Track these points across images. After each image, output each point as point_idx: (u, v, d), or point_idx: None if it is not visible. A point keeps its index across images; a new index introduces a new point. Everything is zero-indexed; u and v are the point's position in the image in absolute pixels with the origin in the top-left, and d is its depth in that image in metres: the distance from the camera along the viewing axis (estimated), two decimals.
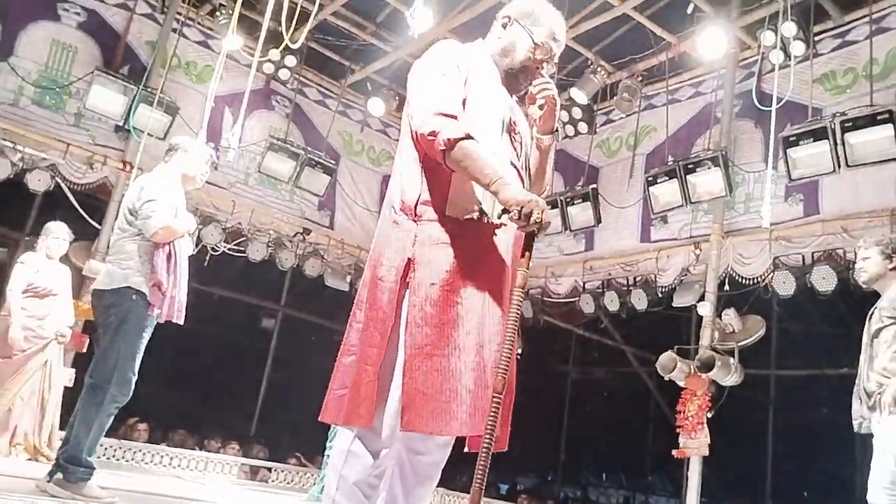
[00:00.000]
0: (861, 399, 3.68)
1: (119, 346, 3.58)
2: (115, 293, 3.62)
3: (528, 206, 1.93)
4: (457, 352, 1.98)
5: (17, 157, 6.68)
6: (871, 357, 3.64)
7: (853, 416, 3.76)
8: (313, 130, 8.74)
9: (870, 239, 4.01)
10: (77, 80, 7.08)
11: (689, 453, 6.32)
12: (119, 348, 3.58)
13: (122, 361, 3.58)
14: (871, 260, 3.85)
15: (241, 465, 7.67)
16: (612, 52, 7.80)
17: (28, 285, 5.36)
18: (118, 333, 3.59)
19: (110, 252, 3.81)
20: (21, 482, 3.78)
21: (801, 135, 5.82)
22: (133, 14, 7.50)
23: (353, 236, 8.89)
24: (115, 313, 3.61)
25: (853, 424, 3.80)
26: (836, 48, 6.50)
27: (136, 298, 3.60)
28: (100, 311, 3.69)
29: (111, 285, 3.65)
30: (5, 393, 5.28)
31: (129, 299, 3.60)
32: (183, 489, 5.48)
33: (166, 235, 3.68)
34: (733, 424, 7.78)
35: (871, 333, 3.70)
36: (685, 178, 6.67)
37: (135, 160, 6.90)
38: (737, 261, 6.70)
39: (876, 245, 3.88)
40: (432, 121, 2.04)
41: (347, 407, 2.01)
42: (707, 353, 6.42)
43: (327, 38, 8.29)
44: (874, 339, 3.66)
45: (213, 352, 11.84)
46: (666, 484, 14.29)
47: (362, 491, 2.02)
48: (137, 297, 3.61)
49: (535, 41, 2.30)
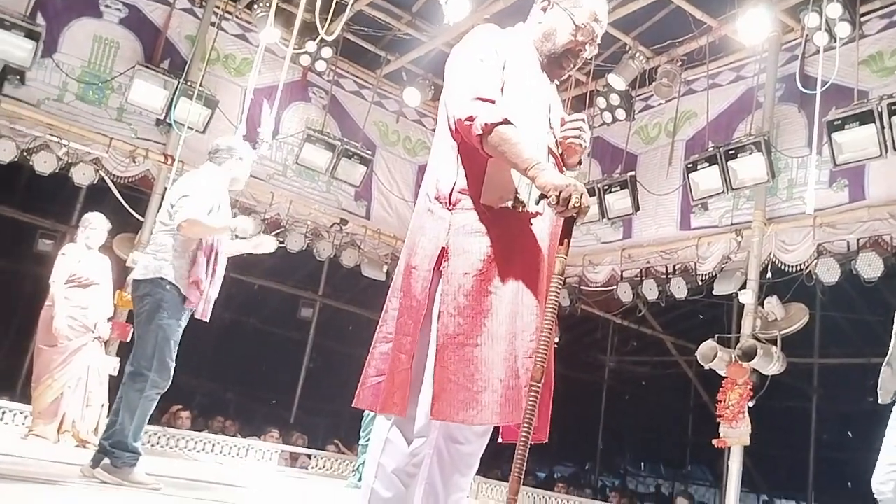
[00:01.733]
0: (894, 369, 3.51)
1: (156, 333, 3.67)
2: (149, 283, 3.72)
3: (566, 190, 1.91)
4: (489, 341, 1.97)
5: (62, 152, 6.84)
6: None
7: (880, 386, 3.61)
8: (349, 121, 8.78)
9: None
10: (119, 75, 7.22)
11: (730, 443, 6.25)
12: (156, 335, 3.67)
13: (159, 348, 3.67)
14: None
15: (281, 452, 7.79)
16: (650, 37, 7.68)
17: (71, 275, 5.49)
18: (153, 321, 3.68)
19: (150, 243, 3.93)
20: (70, 468, 3.88)
21: (847, 118, 5.67)
22: (173, 9, 7.60)
23: (389, 226, 8.93)
24: (150, 302, 3.70)
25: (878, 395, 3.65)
26: (883, 28, 6.31)
27: (168, 289, 3.70)
28: (136, 301, 3.80)
29: (146, 275, 3.75)
30: (53, 383, 5.44)
31: (163, 289, 3.69)
32: (225, 475, 5.58)
33: (191, 229, 3.71)
34: (775, 414, 7.67)
35: None
36: (726, 164, 6.55)
37: (176, 153, 7.02)
38: (779, 248, 6.57)
39: None
40: (470, 106, 2.03)
41: (383, 395, 2.02)
42: (749, 342, 6.32)
43: (363, 28, 8.30)
44: None
45: (253, 341, 12.05)
46: (706, 473, 14.16)
47: (401, 479, 2.02)
48: (171, 287, 3.70)
49: (577, 23, 2.27)
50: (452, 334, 1.97)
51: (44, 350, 5.49)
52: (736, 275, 6.81)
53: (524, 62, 2.24)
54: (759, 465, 10.91)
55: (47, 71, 6.90)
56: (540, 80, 2.28)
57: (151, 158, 7.31)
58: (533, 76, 2.26)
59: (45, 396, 5.42)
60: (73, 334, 5.49)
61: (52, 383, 5.42)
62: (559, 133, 2.26)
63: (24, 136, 6.72)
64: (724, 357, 6.37)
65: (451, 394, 1.93)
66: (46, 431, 5.36)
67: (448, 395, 1.93)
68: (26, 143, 6.73)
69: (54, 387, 5.43)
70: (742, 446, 6.22)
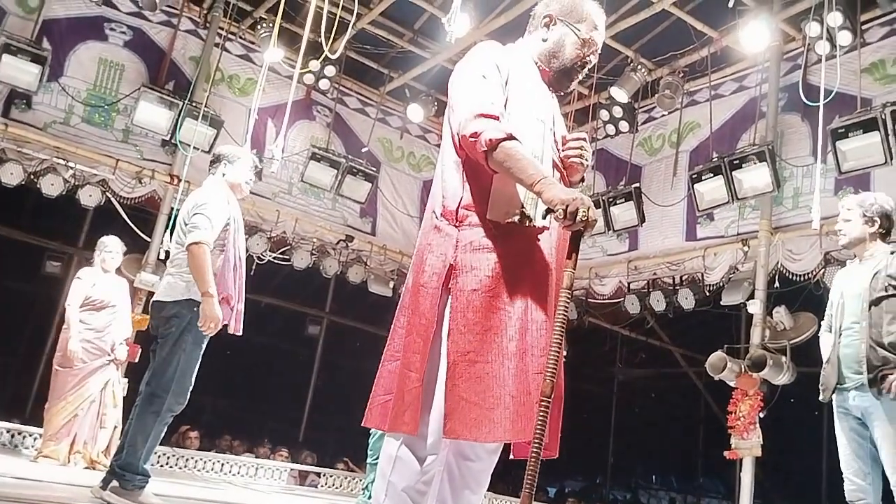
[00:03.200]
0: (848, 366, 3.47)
1: (179, 357, 3.63)
2: (176, 304, 3.66)
3: (573, 204, 1.90)
4: (500, 358, 1.97)
5: (69, 174, 6.89)
6: (871, 325, 3.43)
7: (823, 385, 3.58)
8: (354, 138, 8.82)
9: (853, 199, 3.73)
10: (124, 97, 7.27)
11: (742, 454, 6.20)
12: (179, 359, 3.63)
13: (180, 372, 3.63)
14: (852, 223, 3.64)
15: (291, 470, 7.77)
16: (652, 49, 7.71)
17: (85, 299, 5.54)
18: (178, 344, 3.63)
19: (171, 264, 3.82)
20: (80, 490, 3.87)
21: (851, 126, 5.67)
22: (177, 31, 7.67)
23: (395, 242, 8.94)
24: (177, 324, 3.64)
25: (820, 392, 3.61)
26: (884, 36, 6.32)
27: (196, 310, 3.63)
28: (160, 322, 3.71)
29: (173, 297, 3.68)
30: (67, 405, 5.45)
31: (191, 311, 3.64)
32: (235, 496, 5.56)
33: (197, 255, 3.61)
34: (787, 424, 7.61)
35: (871, 301, 3.46)
36: (731, 174, 6.54)
37: (182, 173, 7.07)
38: (787, 257, 6.55)
39: (859, 207, 3.64)
40: (474, 122, 2.03)
41: (392, 413, 2.01)
42: (758, 352, 6.29)
43: (366, 46, 8.36)
44: (874, 306, 3.44)
45: (260, 359, 12.02)
46: (718, 486, 14.02)
47: (411, 497, 2.01)
48: (198, 309, 3.64)
49: (582, 37, 2.30)
50: (463, 351, 1.97)
51: (59, 371, 5.52)
52: (743, 285, 6.79)
53: (527, 77, 2.25)
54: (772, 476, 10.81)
55: (53, 94, 6.96)
56: (543, 95, 2.29)
57: (158, 179, 7.35)
58: (536, 91, 2.26)
59: (59, 418, 5.44)
60: (88, 357, 5.52)
61: (65, 405, 5.44)
62: (561, 151, 2.27)
63: (32, 159, 6.77)
64: (734, 368, 6.33)
65: (463, 412, 1.93)
66: (57, 452, 5.37)
67: (460, 414, 1.93)
68: (33, 167, 6.78)
69: (68, 409, 5.45)
70: (754, 458, 6.17)
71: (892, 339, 3.36)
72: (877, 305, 3.44)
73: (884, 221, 3.61)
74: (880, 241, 3.62)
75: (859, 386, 3.45)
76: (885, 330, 3.39)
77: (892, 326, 3.38)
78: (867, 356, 3.42)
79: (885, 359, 3.35)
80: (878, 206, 3.61)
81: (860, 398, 3.43)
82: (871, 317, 3.45)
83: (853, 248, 3.73)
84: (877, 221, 3.60)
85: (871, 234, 3.62)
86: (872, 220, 3.60)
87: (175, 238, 3.87)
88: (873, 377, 3.37)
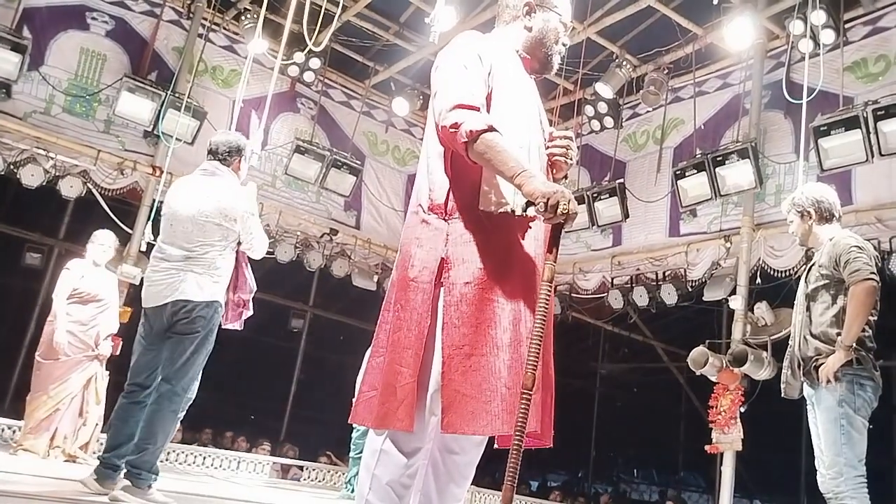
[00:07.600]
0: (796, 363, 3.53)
1: (201, 357, 3.65)
2: (207, 306, 3.60)
3: (554, 197, 1.88)
4: (495, 350, 1.96)
5: (49, 165, 6.81)
6: (810, 320, 3.49)
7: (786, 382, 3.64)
8: (338, 131, 8.78)
9: (786, 202, 3.78)
10: (106, 87, 7.19)
11: (723, 448, 6.26)
12: (202, 359, 3.66)
13: (198, 370, 3.65)
14: (794, 223, 3.70)
15: (273, 464, 7.74)
16: (637, 46, 7.73)
17: (73, 291, 5.45)
18: (203, 344, 3.62)
19: (197, 263, 3.62)
20: (65, 484, 3.83)
21: (833, 124, 5.72)
22: (160, 21, 7.59)
23: (379, 236, 8.92)
24: (203, 325, 3.60)
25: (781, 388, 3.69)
26: (867, 35, 6.38)
27: (219, 311, 3.69)
28: (184, 321, 3.58)
29: (203, 297, 3.59)
30: (48, 399, 5.38)
31: (217, 313, 3.66)
32: (217, 489, 5.54)
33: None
34: (767, 419, 7.67)
35: (807, 294, 3.53)
36: (714, 170, 6.58)
37: (164, 165, 6.99)
38: (768, 253, 6.61)
39: (792, 205, 3.70)
40: (454, 113, 2.01)
41: (379, 409, 1.98)
42: (739, 348, 6.34)
43: (351, 39, 8.32)
44: (811, 300, 3.50)
45: (243, 352, 11.94)
46: (699, 479, 14.14)
47: (395, 491, 2.00)
48: (221, 309, 3.71)
49: (563, 21, 2.33)
50: (458, 345, 1.95)
51: (43, 364, 5.44)
52: (725, 281, 6.84)
53: (509, 66, 2.24)
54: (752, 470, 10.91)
55: (34, 84, 6.87)
56: (528, 86, 2.28)
57: (139, 170, 7.28)
58: (519, 79, 2.25)
59: (39, 411, 5.37)
60: (73, 350, 5.43)
61: (46, 399, 5.37)
62: (547, 146, 2.26)
63: (11, 149, 6.69)
64: (715, 363, 6.38)
65: (460, 405, 1.91)
66: (36, 446, 5.30)
67: (458, 407, 1.91)
68: (13, 157, 6.70)
69: (49, 403, 5.37)
70: (734, 452, 6.23)
71: (822, 329, 3.42)
72: (813, 300, 3.50)
73: (818, 209, 3.64)
74: (827, 228, 3.65)
75: None
76: (816, 321, 3.46)
77: (822, 317, 3.44)
78: (802, 349, 3.50)
79: (816, 349, 3.41)
80: (806, 198, 3.66)
81: (807, 389, 3.51)
82: (808, 310, 3.52)
83: (806, 244, 3.80)
84: (810, 212, 3.64)
85: (811, 226, 3.66)
86: (806, 212, 3.65)
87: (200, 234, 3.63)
88: (807, 368, 3.45)
